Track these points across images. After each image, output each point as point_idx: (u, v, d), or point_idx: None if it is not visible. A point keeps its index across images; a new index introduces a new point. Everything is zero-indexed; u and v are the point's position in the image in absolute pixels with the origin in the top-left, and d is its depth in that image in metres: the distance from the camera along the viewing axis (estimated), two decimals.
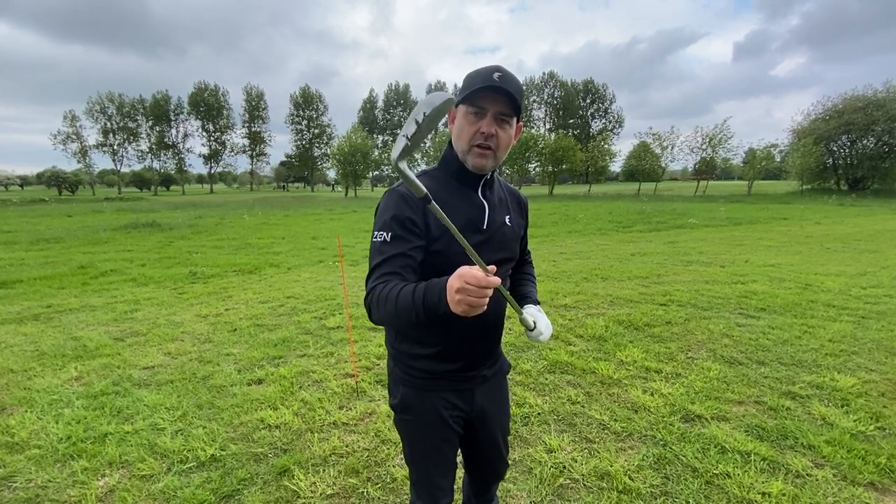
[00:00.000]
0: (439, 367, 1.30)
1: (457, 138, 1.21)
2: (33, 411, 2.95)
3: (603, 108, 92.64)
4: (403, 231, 1.15)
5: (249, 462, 2.42)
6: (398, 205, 1.17)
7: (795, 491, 2.11)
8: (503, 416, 1.48)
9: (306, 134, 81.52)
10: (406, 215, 1.16)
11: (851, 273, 6.62)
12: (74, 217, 21.37)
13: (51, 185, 64.27)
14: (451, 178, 1.26)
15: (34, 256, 9.73)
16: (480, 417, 1.40)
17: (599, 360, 3.63)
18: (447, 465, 1.40)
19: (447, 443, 1.36)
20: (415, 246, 1.16)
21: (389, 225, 1.16)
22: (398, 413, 1.37)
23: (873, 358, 3.58)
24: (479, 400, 1.37)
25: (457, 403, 1.34)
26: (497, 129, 1.16)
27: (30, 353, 3.98)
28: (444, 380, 1.31)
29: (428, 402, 1.31)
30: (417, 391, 1.32)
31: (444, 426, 1.33)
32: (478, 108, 1.15)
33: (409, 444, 1.39)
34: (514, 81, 1.14)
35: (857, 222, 14.86)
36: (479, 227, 1.24)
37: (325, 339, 4.27)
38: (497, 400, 1.44)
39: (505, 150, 1.21)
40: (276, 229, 15.16)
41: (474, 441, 1.47)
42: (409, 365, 1.32)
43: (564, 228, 14.44)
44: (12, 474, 2.34)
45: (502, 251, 1.30)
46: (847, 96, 36.80)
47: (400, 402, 1.35)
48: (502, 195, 1.35)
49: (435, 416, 1.32)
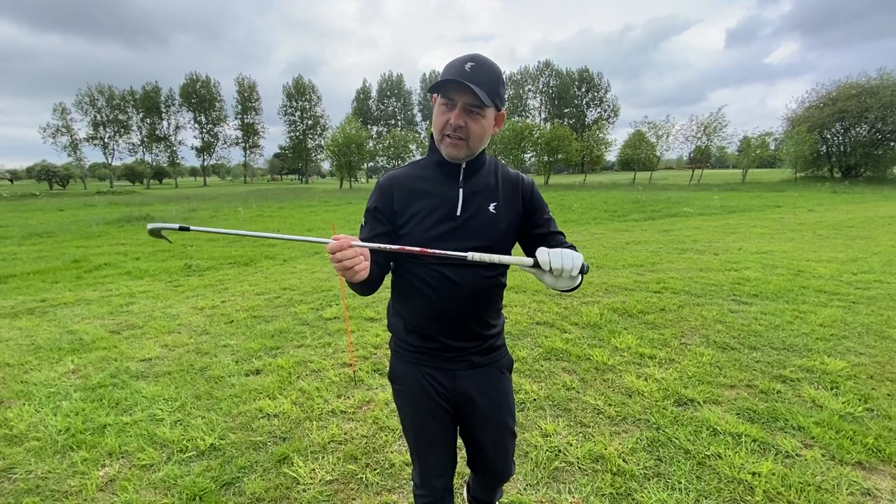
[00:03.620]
0: (421, 342, 1.36)
1: (433, 128, 1.26)
2: (31, 404, 2.96)
3: (598, 97, 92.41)
4: (372, 220, 1.32)
5: (249, 450, 2.45)
6: (373, 196, 1.33)
7: (785, 471, 2.16)
8: (501, 414, 1.43)
9: (300, 125, 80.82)
10: (375, 206, 1.31)
11: (843, 259, 6.69)
12: (66, 211, 21.19)
13: (41, 180, 63.57)
14: (434, 167, 1.31)
15: (27, 251, 9.66)
16: (468, 404, 1.39)
17: (594, 347, 3.67)
18: (437, 442, 1.42)
19: (434, 419, 1.39)
20: (379, 232, 1.30)
21: (365, 213, 1.34)
22: (391, 383, 1.47)
23: (863, 342, 3.64)
24: (463, 383, 1.37)
25: (439, 379, 1.37)
26: (467, 119, 1.19)
27: (26, 346, 3.97)
28: (426, 355, 1.37)
29: (411, 373, 1.39)
30: (404, 362, 1.40)
31: (430, 399, 1.37)
32: (447, 99, 1.19)
33: (401, 414, 1.47)
34: (486, 73, 1.15)
35: (849, 209, 14.98)
36: (452, 215, 1.27)
37: (322, 329, 4.29)
38: (489, 392, 1.40)
39: (479, 140, 1.23)
40: (271, 221, 15.10)
41: (471, 436, 1.46)
42: (398, 338, 1.42)
43: (560, 218, 14.46)
44: (12, 466, 2.35)
45: (478, 238, 1.27)
46: (841, 84, 36.80)
47: (391, 372, 1.46)
48: (491, 182, 1.33)
49: (418, 387, 1.37)
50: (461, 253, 1.11)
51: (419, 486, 1.48)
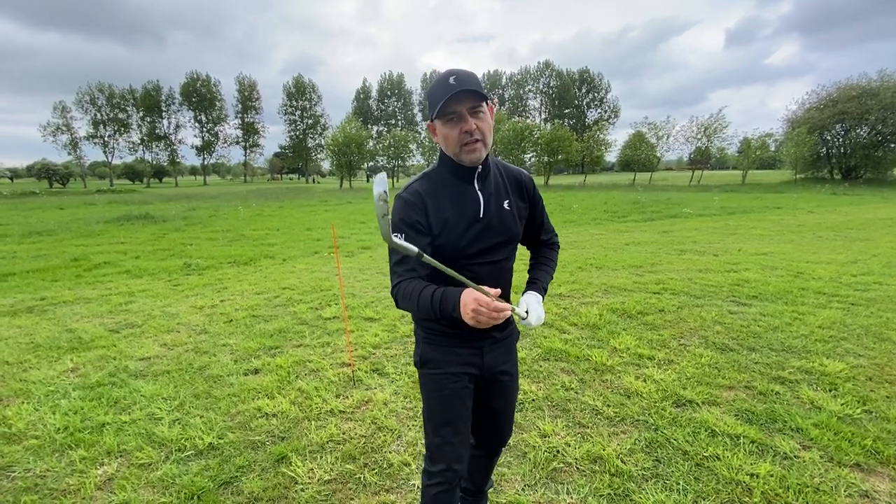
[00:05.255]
0: (452, 330, 1.46)
1: (446, 146, 1.37)
2: (30, 402, 2.96)
3: (598, 98, 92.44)
4: (413, 232, 1.35)
5: (247, 450, 2.45)
6: (405, 210, 1.37)
7: (783, 472, 2.16)
8: (515, 382, 1.64)
9: (300, 124, 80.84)
10: (414, 219, 1.36)
11: (842, 261, 6.70)
12: (66, 209, 21.18)
13: (41, 178, 63.41)
14: (447, 176, 1.42)
15: (26, 249, 9.66)
16: (491, 375, 1.55)
17: (593, 348, 3.67)
18: (460, 425, 1.49)
19: (460, 399, 1.49)
20: (423, 243, 1.35)
21: (400, 227, 1.36)
22: (419, 368, 1.55)
23: (862, 343, 3.64)
24: (488, 359, 1.51)
25: (469, 358, 1.49)
26: (476, 121, 1.31)
27: (25, 345, 3.97)
28: (457, 338, 1.48)
29: (442, 356, 1.49)
30: (434, 347, 1.50)
31: (458, 379, 1.48)
32: (451, 114, 1.30)
33: (427, 397, 1.52)
34: (468, 77, 1.28)
35: (848, 211, 14.99)
36: (476, 218, 1.40)
37: (322, 329, 4.29)
38: (508, 363, 1.58)
39: (490, 134, 1.36)
40: (270, 220, 15.10)
41: (487, 406, 1.61)
42: (428, 328, 1.51)
43: (560, 219, 14.47)
44: (10, 464, 2.35)
45: (502, 234, 1.44)
46: (841, 85, 36.77)
47: (420, 358, 1.54)
48: (499, 180, 1.47)
49: (448, 368, 1.49)
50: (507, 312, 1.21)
51: (436, 474, 1.49)
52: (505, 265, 1.49)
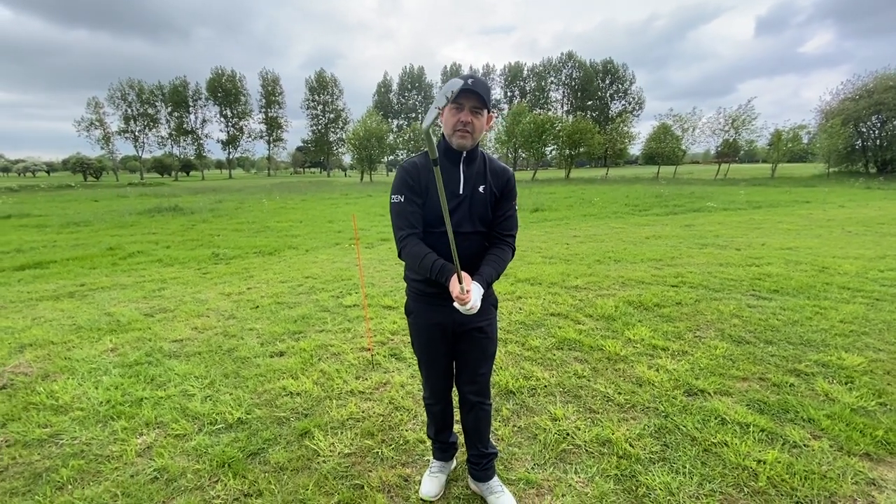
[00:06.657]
0: (428, 288, 1.80)
1: (445, 126, 1.69)
2: (74, 378, 3.19)
3: (622, 90, 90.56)
4: (409, 192, 1.70)
5: (273, 425, 2.61)
6: (403, 176, 1.72)
7: (791, 459, 2.19)
8: (488, 336, 1.88)
9: (322, 119, 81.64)
10: (410, 183, 1.70)
11: (870, 256, 6.52)
12: (100, 202, 22.05)
13: (76, 171, 65.90)
14: (441, 155, 1.72)
15: (65, 238, 10.16)
16: (463, 331, 1.84)
17: (607, 338, 3.72)
18: (441, 367, 1.94)
19: (437, 341, 1.87)
20: (417, 202, 1.71)
21: (400, 189, 1.71)
22: (407, 316, 1.97)
23: (883, 338, 3.59)
24: (457, 316, 1.74)
25: (442, 313, 1.79)
26: (472, 118, 1.63)
27: (68, 326, 4.24)
28: (432, 297, 1.81)
29: (422, 309, 1.87)
30: (415, 300, 1.90)
31: (435, 327, 1.85)
32: (458, 103, 1.62)
33: (413, 340, 1.99)
34: (483, 84, 1.60)
35: (882, 206, 14.44)
36: (456, 192, 1.72)
37: (342, 316, 4.44)
38: (482, 322, 1.83)
39: (479, 133, 1.69)
40: (293, 213, 15.44)
41: (462, 353, 1.90)
42: (411, 284, 1.89)
43: (579, 212, 14.37)
44: (58, 433, 2.56)
45: (477, 210, 1.75)
46: (878, 75, 35.20)
47: (407, 307, 1.96)
48: (481, 169, 1.77)
49: (424, 317, 1.87)
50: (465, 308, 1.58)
51: (429, 396, 2.02)
52: (473, 237, 1.76)
